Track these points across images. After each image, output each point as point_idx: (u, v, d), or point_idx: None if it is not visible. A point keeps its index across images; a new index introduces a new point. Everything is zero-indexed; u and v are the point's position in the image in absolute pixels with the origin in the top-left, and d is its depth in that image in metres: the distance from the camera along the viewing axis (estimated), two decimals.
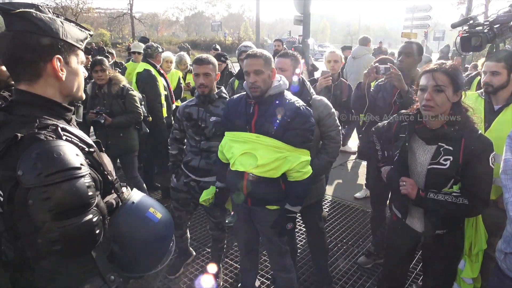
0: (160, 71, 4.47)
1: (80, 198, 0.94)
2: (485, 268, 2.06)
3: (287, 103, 2.14)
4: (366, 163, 3.22)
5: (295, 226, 2.29)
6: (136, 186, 3.87)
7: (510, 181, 1.60)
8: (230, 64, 5.75)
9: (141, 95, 4.08)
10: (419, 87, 1.86)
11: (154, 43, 4.67)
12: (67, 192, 0.91)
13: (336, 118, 2.62)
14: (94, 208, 0.98)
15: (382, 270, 2.61)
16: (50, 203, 0.89)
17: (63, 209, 0.91)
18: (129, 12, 34.72)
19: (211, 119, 2.64)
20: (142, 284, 1.23)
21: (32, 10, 1.02)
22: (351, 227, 3.94)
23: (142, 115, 3.88)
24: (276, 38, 8.28)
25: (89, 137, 1.15)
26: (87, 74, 1.27)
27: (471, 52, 2.80)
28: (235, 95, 2.41)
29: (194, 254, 3.29)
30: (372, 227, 3.44)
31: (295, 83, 2.53)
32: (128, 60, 6.70)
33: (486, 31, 2.54)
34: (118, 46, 28.05)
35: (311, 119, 2.15)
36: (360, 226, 3.95)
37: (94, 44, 21.35)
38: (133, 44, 5.73)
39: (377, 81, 3.15)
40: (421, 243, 2.12)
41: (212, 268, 2.98)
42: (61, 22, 1.07)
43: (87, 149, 1.07)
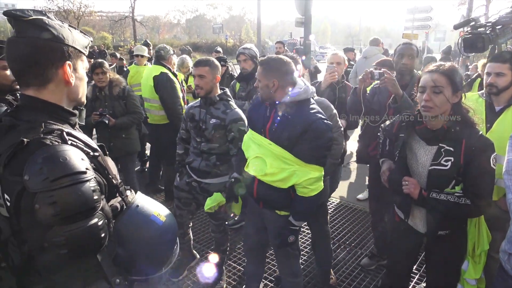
0: (175, 73, 4.43)
1: (85, 202, 0.95)
2: (489, 269, 2.06)
3: (304, 113, 2.00)
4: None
5: (297, 238, 2.26)
6: (132, 186, 3.89)
7: None
8: (231, 67, 5.76)
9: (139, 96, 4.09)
10: (418, 89, 1.88)
11: (166, 45, 4.60)
12: (73, 196, 0.92)
13: (338, 119, 2.60)
14: (99, 211, 0.99)
15: (385, 271, 2.61)
16: (56, 208, 0.90)
17: (69, 213, 0.92)
18: (130, 15, 34.92)
19: (211, 122, 2.66)
20: (146, 287, 1.24)
21: (44, 18, 1.04)
22: (354, 229, 3.94)
23: (143, 115, 3.91)
24: (277, 41, 8.27)
25: (91, 139, 1.17)
26: (87, 79, 1.29)
27: (473, 53, 2.80)
28: None
29: (198, 257, 3.29)
30: (373, 228, 3.44)
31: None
32: (130, 63, 6.72)
33: (488, 32, 2.54)
34: (120, 49, 28.16)
35: (327, 134, 1.98)
36: (363, 227, 3.94)
37: (96, 47, 21.47)
38: (136, 47, 5.74)
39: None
40: (424, 244, 2.12)
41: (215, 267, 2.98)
42: (68, 29, 1.09)
43: (92, 153, 1.08)
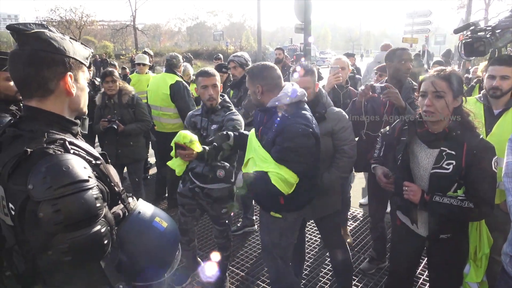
0: (187, 81, 4.50)
1: (88, 209, 0.96)
2: (492, 272, 2.05)
3: (283, 116, 2.03)
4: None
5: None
6: (138, 193, 3.92)
7: None
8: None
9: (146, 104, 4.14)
10: (420, 93, 1.89)
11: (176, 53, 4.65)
12: (76, 204, 0.94)
13: (352, 131, 2.52)
14: (102, 219, 1.00)
15: (388, 276, 2.60)
16: (60, 216, 0.92)
17: (72, 221, 0.93)
18: (132, 24, 35.17)
19: (212, 127, 2.68)
20: None
21: (46, 30, 1.06)
22: (357, 234, 3.94)
23: (151, 123, 3.98)
24: (277, 47, 8.27)
25: (94, 148, 1.19)
26: (88, 90, 1.32)
27: (473, 57, 2.82)
28: None
29: (202, 264, 3.27)
30: (372, 231, 3.42)
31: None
32: (132, 71, 6.77)
33: (488, 36, 2.56)
34: (121, 57, 28.34)
35: (298, 139, 1.94)
36: (366, 232, 3.94)
37: (97, 56, 21.62)
38: (137, 55, 5.79)
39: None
40: (425, 248, 2.12)
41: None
42: (69, 41, 1.12)
43: (94, 161, 1.10)
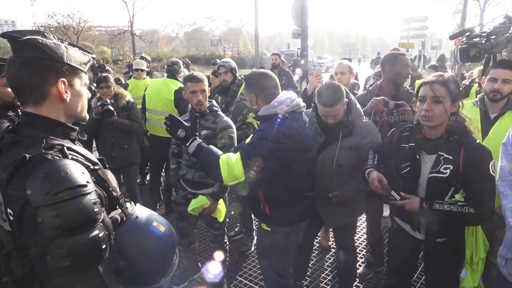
0: None
1: (87, 214, 0.97)
2: (490, 275, 2.06)
3: (268, 123, 2.05)
4: None
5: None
6: (134, 198, 3.93)
7: (507, 187, 1.63)
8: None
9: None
10: (418, 98, 1.90)
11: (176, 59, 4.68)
12: (75, 209, 0.95)
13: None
14: (100, 224, 1.01)
15: (386, 280, 2.60)
16: (58, 221, 0.92)
17: (71, 225, 0.94)
18: (129, 29, 35.25)
19: (203, 133, 2.69)
20: None
21: (38, 37, 1.07)
22: (359, 240, 3.92)
23: (143, 127, 4.02)
24: (273, 52, 8.27)
25: (91, 153, 1.19)
26: (90, 95, 1.31)
27: (469, 63, 2.85)
28: None
29: (201, 270, 3.21)
30: (368, 236, 3.42)
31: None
32: (129, 77, 6.77)
33: (483, 42, 2.60)
34: (119, 63, 28.38)
35: (265, 141, 1.95)
36: (363, 237, 3.92)
37: (95, 61, 21.64)
38: (135, 61, 5.80)
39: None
40: (422, 252, 2.13)
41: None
42: (65, 47, 1.13)
43: (92, 166, 1.11)
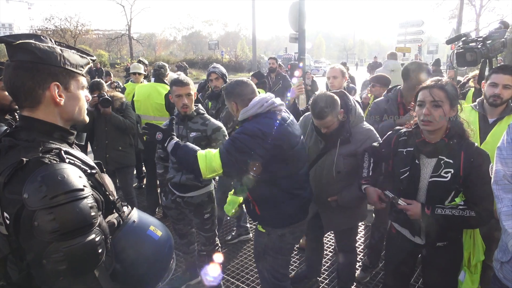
0: None
1: (83, 218, 0.97)
2: (487, 278, 2.06)
3: (245, 124, 2.11)
4: None
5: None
6: (131, 202, 3.91)
7: (501, 191, 1.64)
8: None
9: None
10: (417, 103, 1.90)
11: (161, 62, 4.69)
12: (71, 213, 0.95)
13: None
14: (96, 228, 1.01)
15: (383, 284, 2.60)
16: (55, 224, 0.92)
17: (67, 229, 0.94)
18: (127, 33, 35.28)
19: (191, 135, 2.70)
20: None
21: (31, 41, 1.06)
22: (358, 243, 3.91)
23: (135, 127, 4.03)
24: (270, 56, 8.27)
25: (86, 154, 1.19)
26: (90, 98, 1.32)
27: (465, 67, 2.88)
28: None
29: (200, 278, 3.11)
30: (372, 236, 3.40)
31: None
32: (127, 80, 6.77)
33: (480, 46, 2.62)
34: (116, 66, 28.33)
35: (242, 135, 2.00)
36: (360, 241, 3.92)
37: (92, 65, 21.58)
38: (132, 65, 5.80)
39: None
40: (421, 256, 2.13)
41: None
42: (60, 50, 1.11)
43: (89, 170, 1.11)
